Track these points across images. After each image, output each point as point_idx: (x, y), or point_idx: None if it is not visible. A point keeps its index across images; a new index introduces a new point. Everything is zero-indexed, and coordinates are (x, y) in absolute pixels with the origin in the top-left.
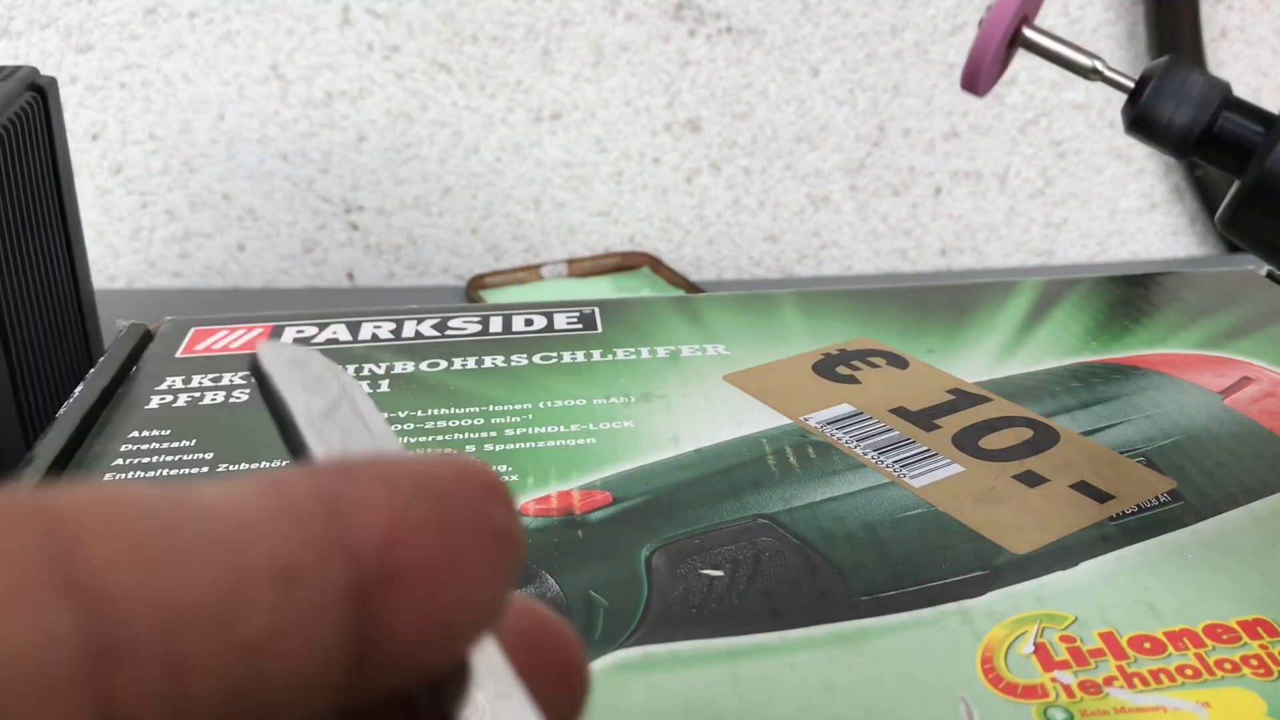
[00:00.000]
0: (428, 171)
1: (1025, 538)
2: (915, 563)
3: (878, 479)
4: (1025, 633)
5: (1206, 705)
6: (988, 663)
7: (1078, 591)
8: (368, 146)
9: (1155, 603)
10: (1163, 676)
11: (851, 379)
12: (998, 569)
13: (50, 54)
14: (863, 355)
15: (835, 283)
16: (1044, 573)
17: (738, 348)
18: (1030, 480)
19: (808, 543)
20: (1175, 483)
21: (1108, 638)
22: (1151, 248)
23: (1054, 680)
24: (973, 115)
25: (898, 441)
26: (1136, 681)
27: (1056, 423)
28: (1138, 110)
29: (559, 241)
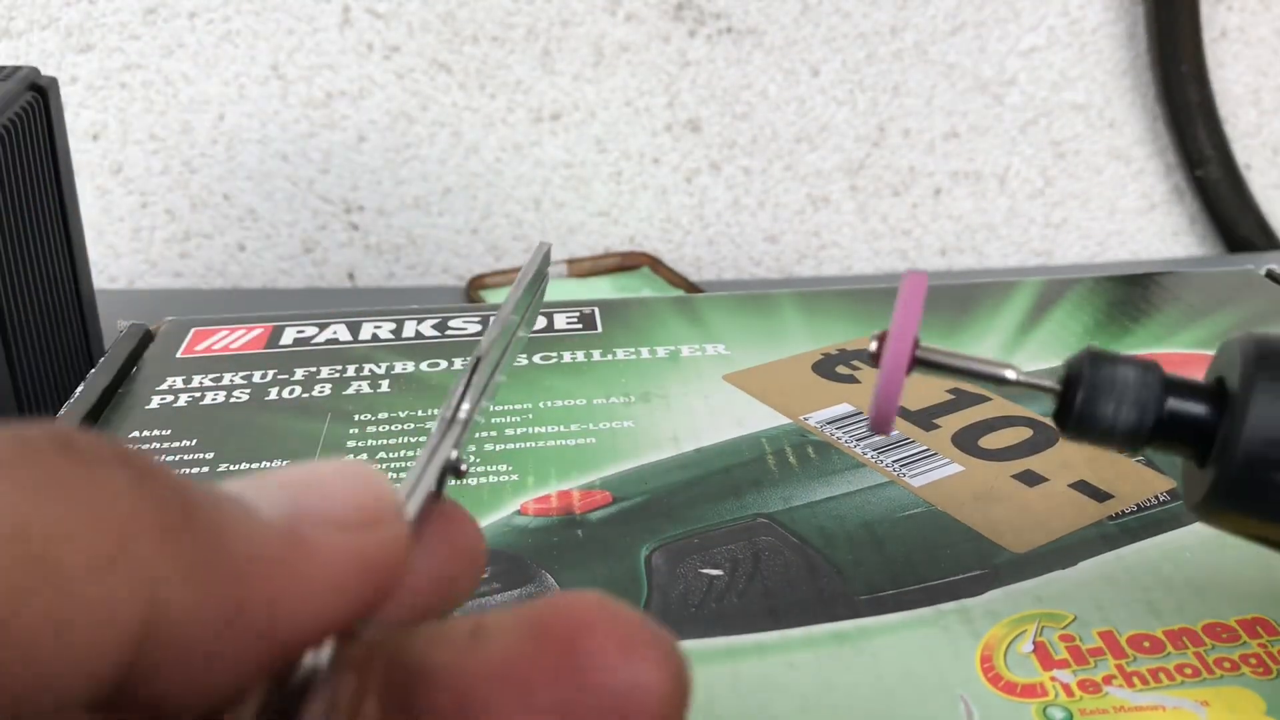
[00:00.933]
0: (428, 171)
1: (1024, 537)
2: (915, 562)
3: (877, 478)
4: (1024, 632)
5: (1206, 704)
6: (987, 662)
7: (1077, 591)
8: (368, 146)
9: (1154, 602)
10: (1162, 675)
11: (851, 379)
12: (997, 568)
13: (50, 54)
14: (863, 355)
15: (835, 283)
16: (1043, 572)
17: (737, 348)
18: (1029, 480)
19: (807, 542)
20: (1174, 482)
21: (1107, 637)
22: (1151, 248)
23: (1053, 679)
24: (973, 116)
25: (897, 441)
26: (1136, 680)
27: None
28: (1077, 416)
29: (559, 241)
